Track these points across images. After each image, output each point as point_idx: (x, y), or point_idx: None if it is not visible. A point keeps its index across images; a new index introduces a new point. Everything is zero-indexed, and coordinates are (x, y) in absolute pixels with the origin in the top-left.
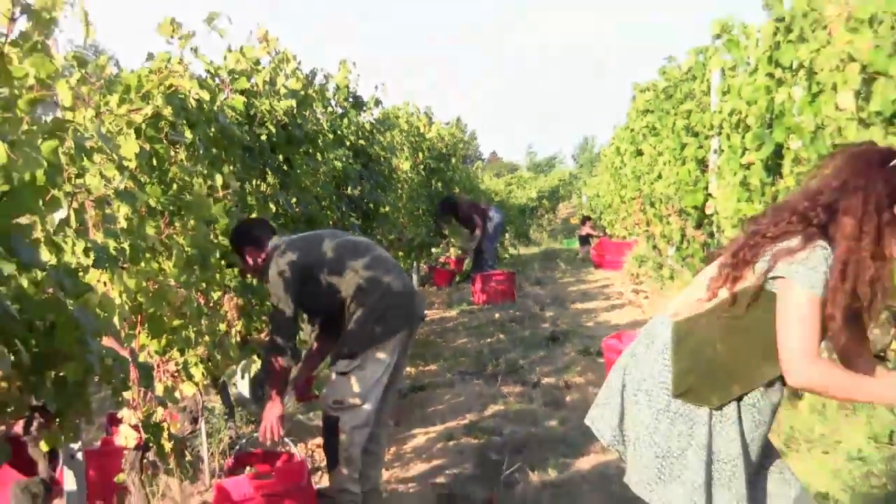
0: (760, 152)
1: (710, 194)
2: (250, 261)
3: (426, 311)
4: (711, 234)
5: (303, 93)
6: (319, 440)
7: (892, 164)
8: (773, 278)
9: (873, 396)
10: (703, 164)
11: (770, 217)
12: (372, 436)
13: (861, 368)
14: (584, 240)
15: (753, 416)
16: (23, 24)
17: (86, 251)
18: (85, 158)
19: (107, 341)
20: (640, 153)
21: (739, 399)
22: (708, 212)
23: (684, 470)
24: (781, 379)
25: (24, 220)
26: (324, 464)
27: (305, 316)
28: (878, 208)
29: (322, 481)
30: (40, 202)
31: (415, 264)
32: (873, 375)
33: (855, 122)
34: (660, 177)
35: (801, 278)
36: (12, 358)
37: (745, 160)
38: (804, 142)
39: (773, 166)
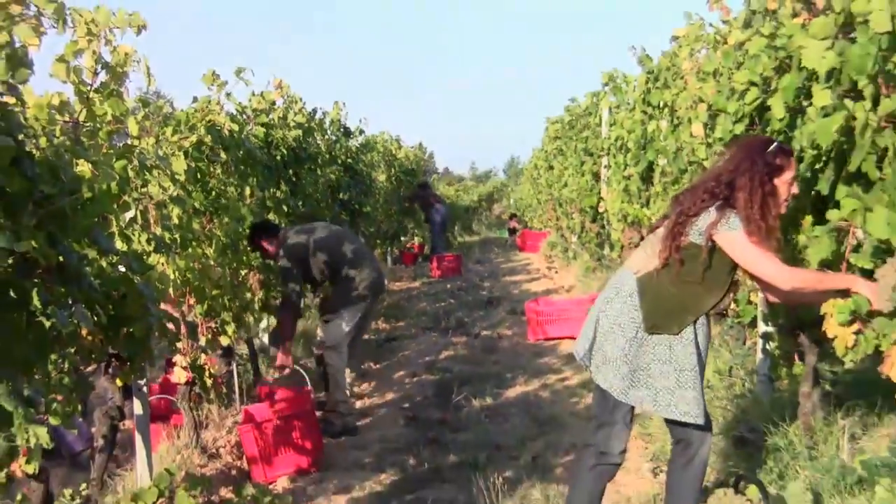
0: (637, 167)
1: (601, 197)
2: (267, 247)
3: (398, 284)
4: (603, 226)
5: (307, 125)
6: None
7: (769, 149)
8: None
9: (837, 281)
10: (596, 176)
11: (689, 197)
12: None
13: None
14: (512, 231)
15: (703, 332)
16: (103, 76)
17: (148, 241)
18: (146, 173)
19: (164, 306)
20: (551, 168)
21: (694, 323)
22: (600, 210)
23: (649, 378)
24: (716, 305)
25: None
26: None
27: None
28: (761, 182)
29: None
30: (115, 205)
31: (389, 249)
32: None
33: (704, 145)
34: (566, 185)
35: (731, 229)
36: (94, 318)
37: (627, 173)
38: (668, 160)
39: (646, 177)
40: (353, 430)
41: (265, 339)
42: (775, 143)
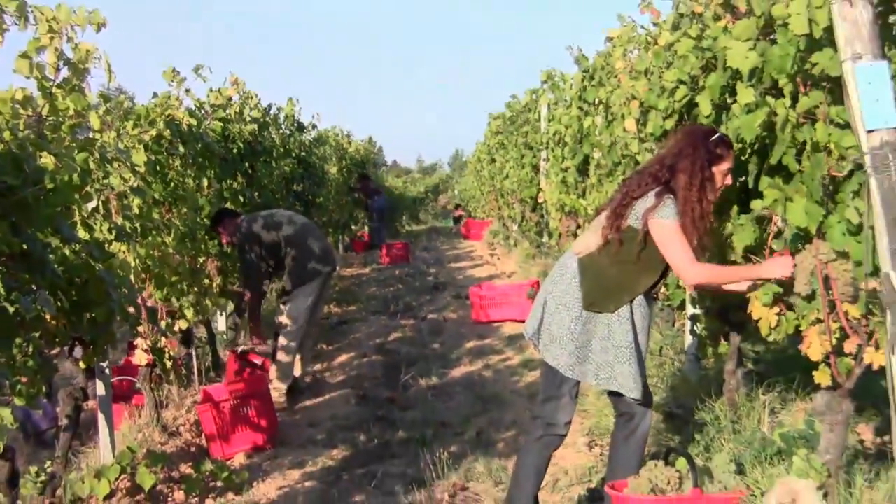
0: (574, 160)
1: (540, 189)
2: (225, 234)
3: (349, 270)
4: (542, 216)
5: (262, 120)
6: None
7: (712, 138)
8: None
9: (750, 273)
10: (535, 168)
11: (635, 179)
12: (302, 342)
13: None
14: (457, 220)
15: (641, 312)
16: (65, 72)
17: (110, 230)
18: (108, 165)
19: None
20: (493, 161)
21: (631, 303)
22: (539, 200)
23: (591, 354)
24: (653, 287)
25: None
26: None
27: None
28: (701, 168)
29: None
30: (77, 196)
31: (340, 237)
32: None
33: (636, 140)
34: (507, 177)
35: (664, 216)
36: (58, 304)
37: (564, 165)
38: (602, 153)
39: (582, 169)
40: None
41: (222, 323)
42: (718, 134)
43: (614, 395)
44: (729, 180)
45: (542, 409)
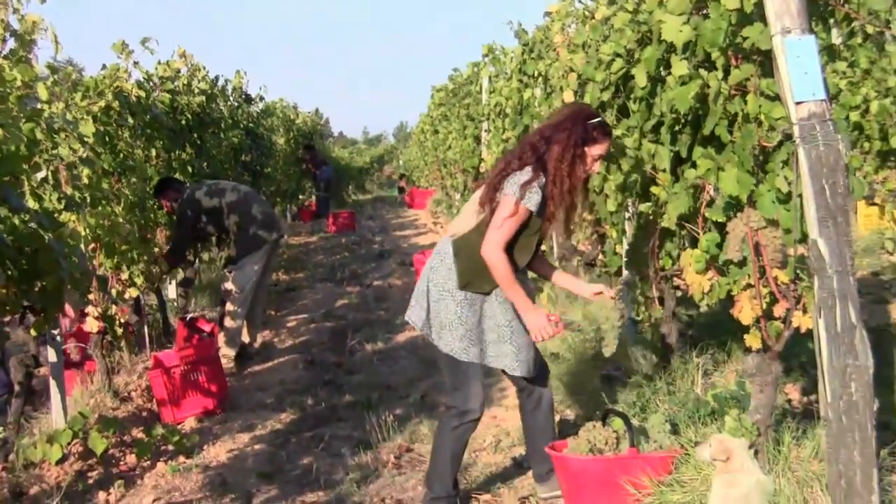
0: (514, 131)
1: (482, 159)
2: (168, 203)
3: (296, 239)
4: None
5: (210, 92)
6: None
7: (591, 121)
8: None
9: (518, 300)
10: (477, 139)
11: (516, 151)
12: (250, 309)
13: (535, 265)
14: (401, 190)
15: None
16: (11, 43)
17: (59, 199)
18: (55, 136)
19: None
20: (437, 132)
21: None
22: (481, 170)
23: (481, 335)
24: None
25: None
26: None
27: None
28: (575, 144)
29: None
30: (25, 166)
31: (288, 206)
32: (548, 271)
33: None
34: (450, 148)
35: (511, 190)
36: (8, 273)
37: (505, 136)
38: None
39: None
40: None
41: (172, 291)
42: (599, 118)
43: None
44: (597, 167)
45: (453, 399)
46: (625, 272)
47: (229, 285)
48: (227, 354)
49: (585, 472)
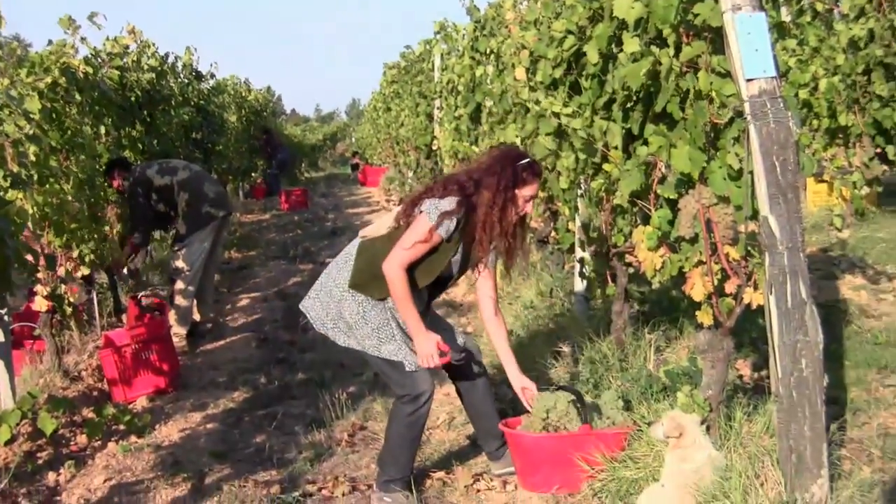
0: (467, 108)
1: (434, 136)
2: (118, 182)
3: (249, 216)
4: (436, 163)
5: (160, 68)
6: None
7: (520, 162)
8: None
9: (411, 323)
10: (430, 116)
11: (442, 183)
12: (201, 285)
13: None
14: (354, 167)
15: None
16: None
17: (5, 177)
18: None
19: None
20: (389, 109)
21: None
22: (433, 148)
23: (390, 334)
24: (431, 293)
25: None
26: None
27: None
28: (505, 188)
29: None
30: None
31: (240, 184)
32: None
33: (527, 88)
34: (402, 125)
35: (429, 212)
36: None
37: (457, 114)
38: (494, 101)
39: (475, 117)
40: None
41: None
42: (528, 160)
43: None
44: (529, 208)
45: (402, 388)
46: (577, 250)
47: (178, 263)
48: (178, 333)
49: (539, 448)
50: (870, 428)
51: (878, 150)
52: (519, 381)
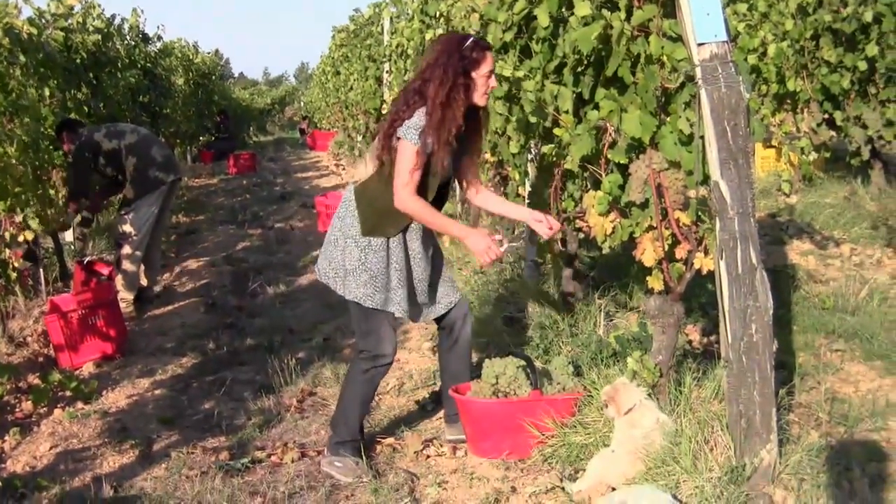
0: (416, 72)
1: (384, 100)
2: (67, 145)
3: (197, 181)
4: None
5: (106, 30)
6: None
7: (465, 44)
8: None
9: (451, 230)
10: (379, 80)
11: (402, 98)
12: (148, 250)
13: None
14: (303, 132)
15: (415, 237)
16: None
17: None
18: None
19: None
20: (338, 73)
21: (404, 230)
22: (383, 111)
23: (388, 281)
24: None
25: None
26: None
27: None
28: (454, 74)
29: None
30: None
31: (188, 148)
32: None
33: None
34: (351, 89)
35: (408, 137)
36: None
37: (406, 77)
38: None
39: None
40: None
41: (69, 234)
42: (471, 39)
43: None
44: (493, 83)
45: (365, 343)
46: None
47: (126, 227)
48: (125, 298)
49: (489, 414)
50: (818, 392)
51: (826, 116)
52: (530, 214)
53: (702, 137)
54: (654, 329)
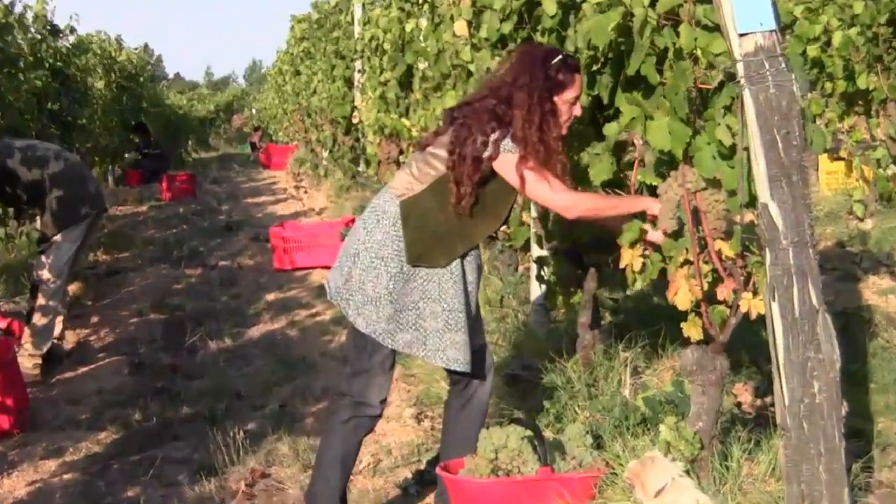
0: (394, 72)
1: (355, 106)
2: None
3: (121, 208)
4: (357, 139)
5: (4, 20)
6: None
7: (552, 62)
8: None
9: (629, 205)
10: (349, 82)
11: (473, 118)
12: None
13: None
14: (254, 146)
15: (473, 266)
16: None
17: None
18: None
19: None
20: (298, 73)
21: (462, 256)
22: (354, 121)
23: (418, 320)
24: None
25: None
26: None
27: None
28: (540, 100)
29: None
30: None
31: (110, 167)
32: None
33: (468, 46)
34: (315, 92)
35: (507, 151)
36: None
37: (383, 78)
38: (429, 63)
39: (405, 83)
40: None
41: None
42: (560, 56)
43: None
44: (577, 111)
45: (350, 386)
46: (534, 246)
47: (44, 273)
48: (34, 356)
49: (486, 497)
50: None
51: None
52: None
53: (746, 149)
54: (692, 389)
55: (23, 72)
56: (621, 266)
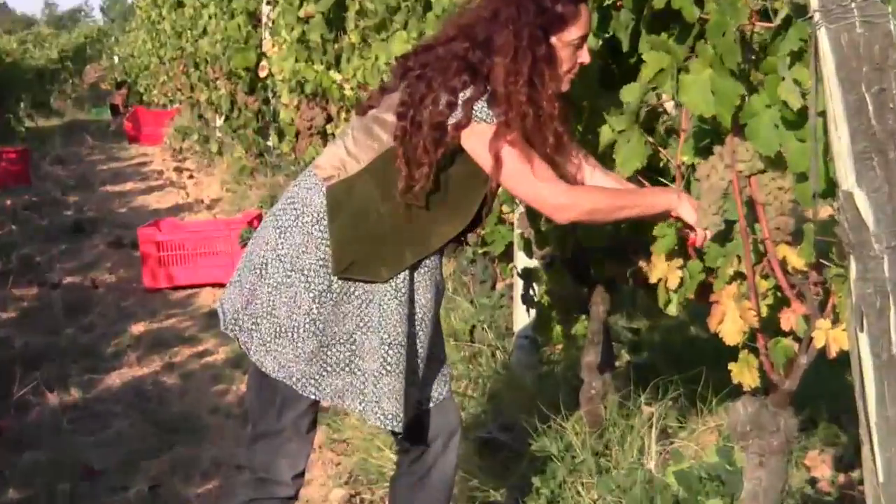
0: (321, 4)
1: (263, 53)
2: None
3: None
4: (267, 101)
5: None
6: None
7: None
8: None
9: (649, 203)
10: (255, 17)
11: (436, 69)
12: None
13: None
14: (117, 110)
15: (427, 282)
16: None
17: None
18: None
19: None
20: (181, 4)
21: (412, 268)
22: (262, 74)
23: (353, 358)
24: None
25: None
26: None
27: None
28: (531, 42)
29: None
30: None
31: None
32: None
33: None
34: (205, 33)
35: (479, 119)
36: None
37: (304, 13)
38: None
39: (336, 20)
40: None
41: None
42: None
43: None
44: (585, 57)
45: (252, 456)
46: (519, 255)
47: None
48: None
49: None
50: None
51: None
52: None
53: (822, 115)
54: (745, 459)
55: None
56: (652, 281)
